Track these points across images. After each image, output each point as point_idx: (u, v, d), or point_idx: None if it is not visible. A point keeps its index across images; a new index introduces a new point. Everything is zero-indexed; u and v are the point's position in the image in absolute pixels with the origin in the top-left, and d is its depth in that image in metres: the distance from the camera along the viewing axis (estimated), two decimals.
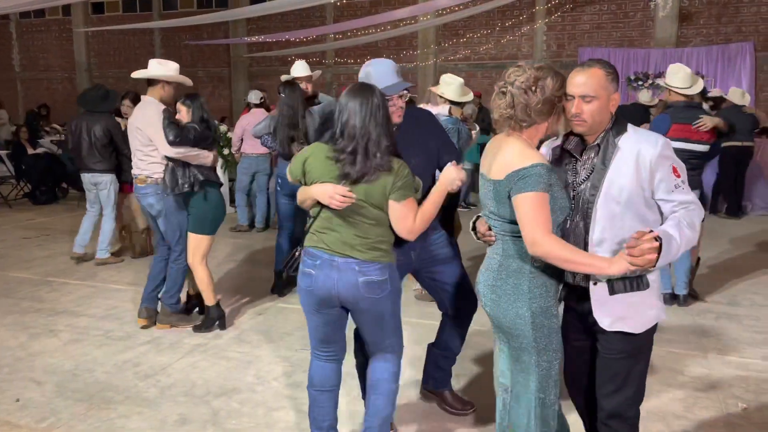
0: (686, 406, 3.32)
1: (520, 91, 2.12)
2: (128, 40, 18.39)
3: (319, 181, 2.50)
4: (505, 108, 2.15)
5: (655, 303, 2.21)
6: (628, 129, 2.18)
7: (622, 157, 2.13)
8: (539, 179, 2.06)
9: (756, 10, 12.92)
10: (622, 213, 2.13)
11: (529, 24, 14.57)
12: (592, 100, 2.13)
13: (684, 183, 2.13)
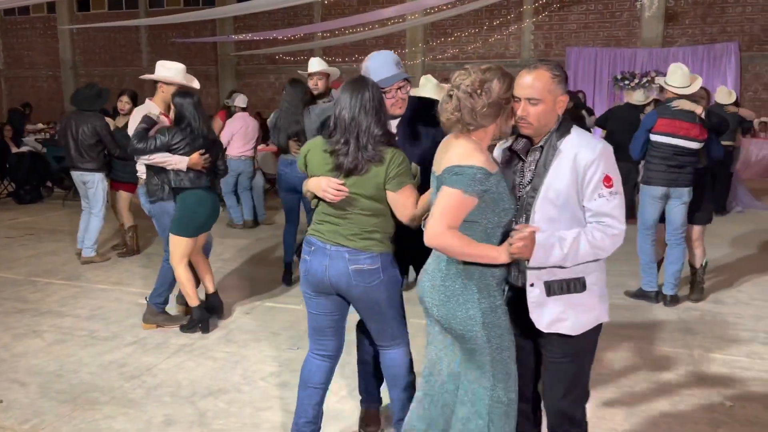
0: (671, 403, 3.35)
1: (465, 95, 2.12)
2: (114, 38, 18.25)
3: (316, 174, 2.59)
4: (452, 112, 2.15)
5: (594, 305, 2.23)
6: (571, 132, 2.18)
7: (561, 160, 2.14)
8: (471, 181, 2.08)
9: (741, 11, 13.05)
10: (559, 216, 2.15)
11: (516, 23, 14.62)
12: (537, 102, 2.14)
13: (612, 195, 2.11)
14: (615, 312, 4.75)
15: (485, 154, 2.15)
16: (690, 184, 4.77)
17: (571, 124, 2.20)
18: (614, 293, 5.21)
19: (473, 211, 2.13)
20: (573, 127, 2.20)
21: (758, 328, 4.42)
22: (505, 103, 2.15)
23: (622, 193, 2.16)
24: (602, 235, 2.12)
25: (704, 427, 3.12)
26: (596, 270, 2.23)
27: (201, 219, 4.32)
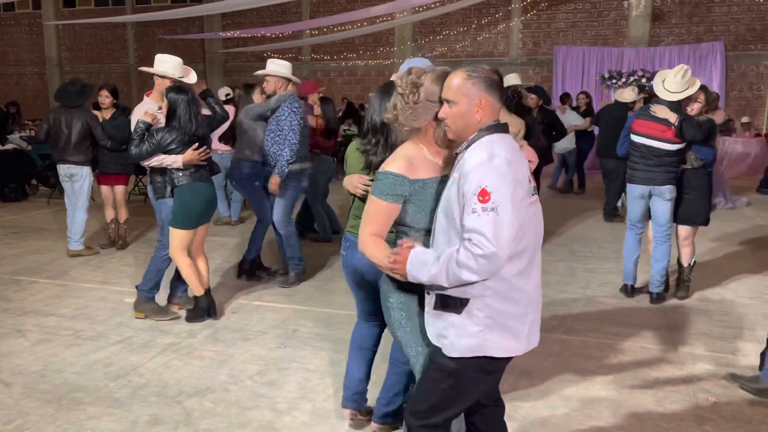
0: (657, 400, 3.37)
1: (398, 96, 2.20)
2: (100, 35, 18.09)
3: (351, 173, 2.80)
4: (390, 110, 2.23)
5: (475, 333, 2.04)
6: (479, 140, 2.02)
7: (456, 170, 2.05)
8: (383, 187, 2.15)
9: (727, 10, 13.15)
10: (447, 227, 2.05)
11: (505, 22, 14.65)
12: (452, 105, 2.06)
13: (486, 212, 1.89)
14: (600, 309, 4.79)
15: (407, 160, 2.17)
16: (669, 183, 4.82)
17: (491, 132, 2.03)
18: (600, 290, 5.23)
19: (404, 217, 2.20)
20: (491, 135, 2.02)
21: (743, 325, 4.46)
22: (435, 105, 2.15)
23: (506, 213, 1.90)
24: (467, 254, 1.91)
25: (689, 424, 3.14)
26: (490, 297, 2.01)
27: (198, 210, 4.38)
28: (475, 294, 2.02)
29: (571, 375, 3.69)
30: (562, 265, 6.01)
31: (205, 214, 4.47)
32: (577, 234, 7.40)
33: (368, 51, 15.75)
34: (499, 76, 2.09)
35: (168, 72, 4.54)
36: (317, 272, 5.81)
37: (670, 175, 4.83)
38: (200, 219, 4.44)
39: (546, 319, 4.60)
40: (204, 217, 4.47)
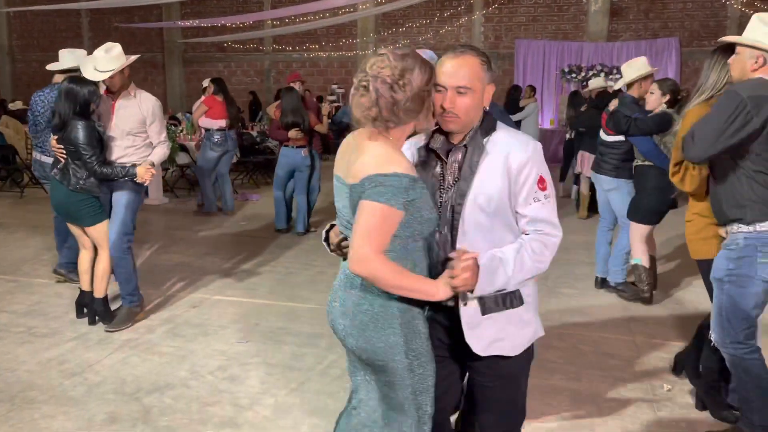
0: (615, 389, 3.44)
1: (385, 87, 1.79)
2: (54, 22, 17.52)
3: None
4: (369, 107, 1.81)
5: (531, 319, 2.05)
6: (497, 128, 1.95)
7: (491, 161, 1.90)
8: (396, 192, 1.77)
9: (682, 6, 13.47)
10: (490, 224, 1.92)
11: (467, 15, 14.72)
12: (466, 92, 1.87)
13: (547, 199, 1.90)
14: (560, 300, 4.86)
15: (404, 157, 1.87)
16: (607, 174, 4.96)
17: (496, 120, 1.97)
18: (560, 281, 5.31)
19: (401, 222, 1.85)
20: (498, 122, 1.97)
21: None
22: (428, 95, 1.86)
23: (554, 197, 1.96)
24: (541, 245, 1.90)
25: (646, 410, 3.22)
26: (531, 281, 2.02)
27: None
28: (523, 282, 1.97)
29: (532, 365, 3.72)
30: None
31: (58, 213, 4.31)
32: None
33: (331, 42, 15.63)
34: None
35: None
36: (280, 266, 5.76)
37: (609, 166, 4.95)
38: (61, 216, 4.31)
39: None
40: (62, 216, 4.31)
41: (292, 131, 6.54)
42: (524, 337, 2.05)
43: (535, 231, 1.92)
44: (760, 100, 2.54)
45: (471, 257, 1.82)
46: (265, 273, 5.52)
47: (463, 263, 1.81)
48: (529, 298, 2.03)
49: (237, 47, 15.99)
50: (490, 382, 2.09)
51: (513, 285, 1.91)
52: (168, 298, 4.84)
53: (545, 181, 1.91)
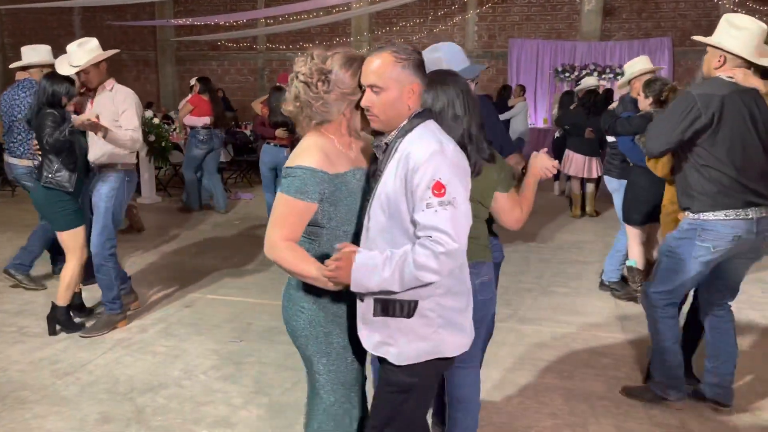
0: (608, 387, 3.45)
1: (303, 86, 1.91)
2: (46, 20, 17.40)
3: None
4: (292, 102, 1.96)
5: (428, 335, 1.89)
6: (415, 129, 1.87)
7: (394, 161, 1.85)
8: (298, 184, 1.87)
9: (674, 6, 13.51)
10: (389, 226, 1.86)
11: (461, 14, 14.72)
12: (380, 91, 1.85)
13: (443, 206, 1.74)
14: (553, 299, 4.88)
15: (323, 152, 1.91)
16: (607, 173, 5.08)
17: (423, 120, 1.89)
18: (553, 280, 5.33)
19: (319, 217, 1.95)
20: (424, 123, 1.89)
21: None
22: (351, 93, 1.92)
23: (463, 205, 1.80)
24: (428, 254, 1.75)
25: (639, 410, 3.23)
26: (439, 296, 1.88)
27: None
28: (425, 295, 1.86)
29: (525, 364, 3.75)
30: (517, 255, 6.10)
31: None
32: (532, 224, 7.52)
33: (324, 41, 15.59)
34: (421, 55, 1.93)
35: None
36: (273, 265, 5.74)
37: (610, 166, 5.08)
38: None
39: (500, 309, 4.66)
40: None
41: (280, 130, 6.53)
42: (415, 350, 1.90)
43: (425, 238, 1.77)
44: (709, 98, 2.80)
45: (347, 251, 1.82)
46: (259, 272, 5.51)
47: (337, 254, 1.82)
48: (431, 313, 1.88)
49: (230, 46, 15.93)
50: (379, 383, 2.02)
51: (399, 289, 1.80)
52: (161, 298, 4.82)
53: (443, 186, 1.75)
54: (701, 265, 2.96)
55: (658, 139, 2.93)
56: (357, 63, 1.92)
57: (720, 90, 2.83)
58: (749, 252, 2.99)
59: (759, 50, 2.89)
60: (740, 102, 2.83)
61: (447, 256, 1.75)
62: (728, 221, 2.86)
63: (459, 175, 1.82)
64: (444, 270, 1.78)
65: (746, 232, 2.87)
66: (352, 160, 2.00)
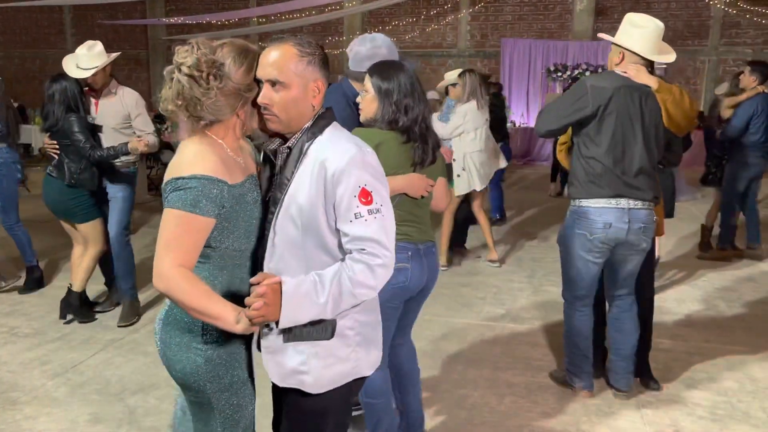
0: (601, 386, 3.46)
1: (188, 80, 1.61)
2: (36, 18, 17.29)
3: (393, 171, 2.33)
4: (173, 100, 1.63)
5: (347, 356, 1.73)
6: (325, 131, 1.70)
7: (306, 167, 1.66)
8: (194, 196, 1.57)
9: (666, 6, 13.58)
10: (302, 240, 1.66)
11: (453, 13, 14.74)
12: (281, 87, 1.64)
13: (373, 214, 1.61)
14: (545, 298, 4.88)
15: (218, 158, 1.64)
16: None
17: (330, 121, 1.74)
18: (545, 279, 5.34)
19: (215, 236, 1.65)
20: (332, 124, 1.74)
21: (680, 311, 4.64)
22: (246, 89, 1.67)
23: (388, 211, 1.66)
24: (365, 269, 1.60)
25: (631, 408, 3.25)
26: (356, 312, 1.72)
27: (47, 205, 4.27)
28: (347, 312, 1.69)
29: (518, 363, 3.75)
30: (509, 255, 6.11)
31: (54, 211, 4.24)
32: (523, 223, 7.53)
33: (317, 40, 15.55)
34: (324, 51, 1.76)
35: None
36: None
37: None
38: (55, 214, 4.27)
39: (492, 308, 4.67)
40: (55, 213, 4.26)
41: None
42: (333, 374, 1.73)
43: (359, 251, 1.61)
44: (599, 90, 2.93)
45: (271, 283, 1.55)
46: None
47: (260, 289, 1.53)
48: (349, 332, 1.73)
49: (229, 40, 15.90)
50: (289, 415, 1.83)
51: (332, 315, 1.63)
52: (152, 298, 4.80)
53: (370, 194, 1.62)
54: (585, 254, 3.07)
55: (545, 120, 3.07)
56: (252, 56, 1.68)
57: (612, 83, 2.94)
58: (629, 242, 3.04)
59: (658, 48, 3.06)
60: (629, 97, 2.95)
61: (383, 267, 1.62)
62: (598, 209, 2.99)
63: (380, 179, 1.68)
64: (380, 284, 1.64)
65: (617, 221, 2.97)
66: (243, 168, 1.73)
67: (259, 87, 1.68)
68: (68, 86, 4.04)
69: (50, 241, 6.38)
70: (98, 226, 4.24)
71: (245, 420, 1.83)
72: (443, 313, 4.53)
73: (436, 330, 4.21)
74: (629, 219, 2.99)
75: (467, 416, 3.14)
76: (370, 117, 2.39)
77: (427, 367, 3.67)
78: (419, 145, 2.37)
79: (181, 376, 1.74)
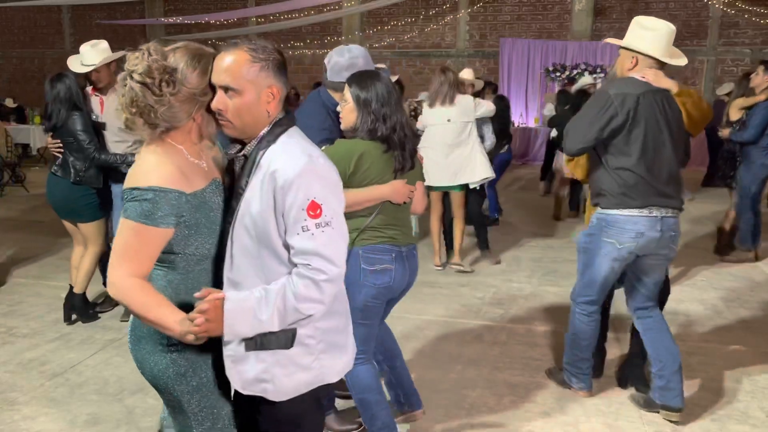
0: (599, 386, 3.45)
1: (139, 87, 1.60)
2: (34, 18, 17.27)
3: (375, 180, 2.47)
4: (127, 107, 1.63)
5: (311, 365, 1.73)
6: (279, 139, 1.67)
7: (258, 177, 1.63)
8: (148, 208, 1.58)
9: (664, 6, 13.59)
10: (257, 250, 1.65)
11: (452, 13, 14.74)
12: (234, 94, 1.63)
13: (321, 228, 1.59)
14: (544, 298, 4.89)
15: (175, 167, 1.64)
16: None
17: (286, 129, 1.70)
18: (544, 279, 5.34)
19: (172, 241, 1.66)
20: (288, 132, 1.69)
21: (679, 311, 4.63)
22: (201, 94, 1.66)
23: (340, 224, 1.64)
24: (310, 284, 1.59)
25: (630, 408, 3.25)
26: (317, 320, 1.71)
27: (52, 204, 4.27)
28: (303, 321, 1.68)
29: (517, 363, 3.75)
30: (508, 254, 6.11)
31: (57, 211, 4.24)
32: (522, 224, 7.54)
33: (316, 40, 15.57)
34: (282, 56, 1.71)
35: None
36: None
37: None
38: (59, 214, 4.26)
39: (492, 308, 4.67)
40: (59, 213, 4.25)
41: None
42: (296, 382, 1.72)
43: (304, 266, 1.60)
44: (624, 97, 2.83)
45: (213, 299, 1.57)
46: None
47: (202, 306, 1.56)
48: (312, 340, 1.72)
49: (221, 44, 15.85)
50: (260, 424, 1.82)
51: (279, 328, 1.63)
52: None
53: (320, 206, 1.59)
54: (610, 262, 3.00)
55: (574, 138, 2.95)
56: (205, 59, 1.67)
57: (635, 89, 2.85)
58: (658, 251, 2.99)
59: (669, 51, 2.95)
60: (654, 102, 2.87)
61: (329, 282, 1.60)
62: (631, 218, 2.90)
63: (333, 190, 1.65)
64: (327, 298, 1.63)
65: (649, 230, 2.90)
66: (206, 173, 1.73)
67: (214, 91, 1.67)
68: (71, 84, 4.05)
69: (49, 241, 6.37)
70: (101, 226, 4.25)
71: (222, 421, 1.84)
72: (442, 313, 4.53)
73: (435, 330, 4.22)
74: (661, 228, 2.92)
75: (466, 416, 3.14)
76: (350, 126, 2.49)
77: (427, 367, 3.67)
78: (399, 153, 2.47)
79: (151, 378, 1.77)
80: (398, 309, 4.55)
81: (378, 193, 2.45)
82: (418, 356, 3.82)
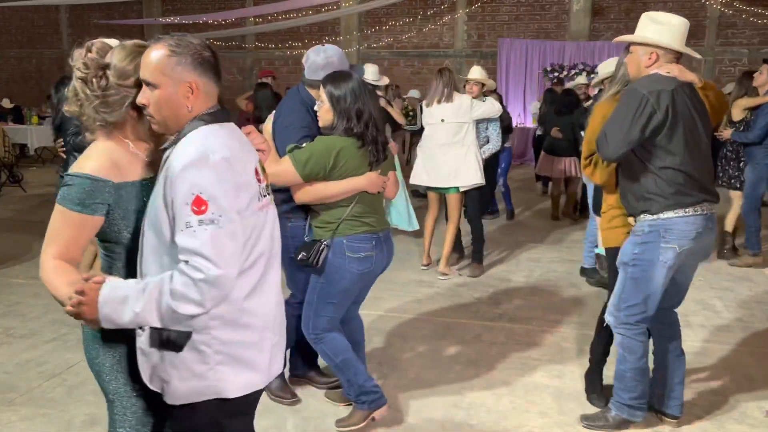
0: None
1: (80, 82, 1.67)
2: (32, 18, 17.25)
3: (354, 173, 2.73)
4: (72, 100, 1.70)
5: (205, 374, 1.65)
6: (189, 134, 1.62)
7: (162, 172, 1.62)
8: (76, 193, 1.62)
9: (662, 7, 13.59)
10: (159, 246, 1.62)
11: (450, 13, 14.74)
12: (152, 88, 1.61)
13: (203, 225, 1.50)
14: (543, 298, 4.88)
15: (109, 158, 1.68)
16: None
17: (207, 122, 1.64)
18: (543, 279, 5.34)
19: (107, 230, 1.70)
20: (206, 127, 1.64)
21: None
22: (131, 89, 1.69)
23: (228, 224, 1.54)
24: (185, 280, 1.51)
25: None
26: (217, 327, 1.63)
27: None
28: (198, 326, 1.61)
29: (516, 363, 3.75)
30: (506, 254, 6.11)
31: None
32: (521, 224, 7.54)
33: (314, 40, 15.56)
34: (212, 52, 1.67)
35: None
36: None
37: None
38: None
39: (490, 308, 4.67)
40: None
41: None
42: (188, 389, 1.66)
43: (184, 263, 1.52)
44: (659, 93, 2.67)
45: (91, 284, 1.56)
46: None
47: (78, 287, 1.55)
48: (207, 349, 1.63)
49: (219, 44, 15.87)
50: (170, 425, 1.80)
51: (160, 324, 1.57)
52: None
53: (205, 203, 1.51)
54: (668, 270, 2.78)
55: (613, 142, 2.71)
56: (139, 56, 1.67)
57: (667, 85, 2.69)
58: (703, 250, 2.88)
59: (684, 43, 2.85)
60: (686, 97, 2.75)
61: (208, 283, 1.50)
62: (689, 217, 2.73)
63: (227, 188, 1.55)
64: (207, 300, 1.53)
65: (704, 228, 2.76)
66: (148, 166, 1.75)
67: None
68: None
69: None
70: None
71: (151, 425, 1.86)
72: (440, 313, 4.53)
73: (434, 330, 4.21)
74: (713, 225, 2.81)
75: (464, 416, 3.14)
76: (327, 125, 2.76)
77: (425, 366, 3.67)
78: (372, 147, 2.73)
79: (97, 373, 1.83)
80: (397, 309, 4.56)
81: (355, 184, 2.73)
82: (416, 356, 3.82)
